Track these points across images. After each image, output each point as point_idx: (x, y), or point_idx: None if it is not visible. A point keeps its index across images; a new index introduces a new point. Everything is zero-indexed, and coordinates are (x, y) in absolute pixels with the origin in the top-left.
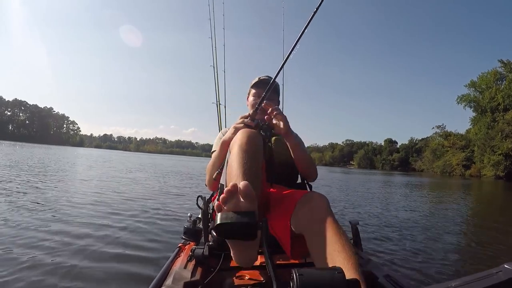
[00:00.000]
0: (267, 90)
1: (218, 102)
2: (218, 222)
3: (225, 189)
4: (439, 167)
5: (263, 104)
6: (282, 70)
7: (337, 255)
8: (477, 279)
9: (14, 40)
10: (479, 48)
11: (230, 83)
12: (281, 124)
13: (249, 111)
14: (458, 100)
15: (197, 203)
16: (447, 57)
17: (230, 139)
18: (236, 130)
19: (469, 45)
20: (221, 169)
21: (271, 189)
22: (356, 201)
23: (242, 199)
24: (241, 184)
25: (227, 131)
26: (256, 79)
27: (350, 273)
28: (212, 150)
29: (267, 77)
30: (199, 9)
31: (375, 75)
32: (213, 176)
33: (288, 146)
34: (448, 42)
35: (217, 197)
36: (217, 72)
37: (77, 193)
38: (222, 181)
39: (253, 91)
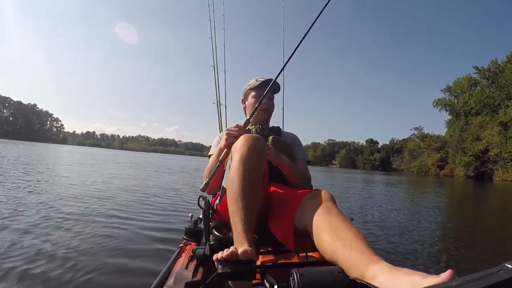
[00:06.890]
0: (267, 90)
1: (218, 102)
2: (219, 271)
3: (224, 254)
4: (416, 167)
5: None
6: (282, 71)
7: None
8: (478, 278)
9: None
10: (467, 51)
11: (228, 83)
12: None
13: (246, 113)
14: (434, 104)
15: (198, 204)
16: (435, 59)
17: (225, 146)
18: (228, 137)
19: (459, 47)
20: (214, 175)
21: (271, 188)
22: (348, 199)
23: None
24: (240, 251)
25: None
26: (255, 82)
27: (373, 260)
28: (209, 154)
29: (266, 79)
30: (186, 7)
31: (361, 76)
32: (208, 181)
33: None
34: (437, 44)
35: (218, 198)
36: (217, 72)
37: (73, 194)
38: (224, 184)
39: (253, 93)
